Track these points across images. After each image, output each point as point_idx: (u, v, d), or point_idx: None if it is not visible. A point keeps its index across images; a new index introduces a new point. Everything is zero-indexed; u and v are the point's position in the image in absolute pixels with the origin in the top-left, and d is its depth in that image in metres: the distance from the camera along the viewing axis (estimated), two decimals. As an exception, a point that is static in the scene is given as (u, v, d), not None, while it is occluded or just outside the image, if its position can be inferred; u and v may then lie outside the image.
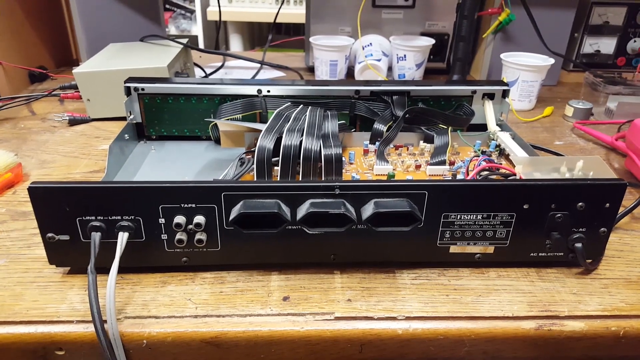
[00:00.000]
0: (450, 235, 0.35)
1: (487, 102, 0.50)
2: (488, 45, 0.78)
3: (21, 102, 0.67)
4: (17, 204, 0.44)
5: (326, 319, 0.31)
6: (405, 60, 0.74)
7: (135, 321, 0.31)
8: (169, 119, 0.51)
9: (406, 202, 0.32)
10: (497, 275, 0.36)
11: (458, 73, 0.71)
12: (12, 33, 0.70)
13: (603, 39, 0.85)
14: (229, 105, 0.49)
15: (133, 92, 0.49)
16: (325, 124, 0.43)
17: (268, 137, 0.40)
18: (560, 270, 0.36)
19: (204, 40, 1.68)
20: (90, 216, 0.32)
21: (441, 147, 0.44)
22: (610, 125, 0.63)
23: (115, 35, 0.73)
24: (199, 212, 0.32)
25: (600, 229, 0.34)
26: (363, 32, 0.78)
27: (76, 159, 0.52)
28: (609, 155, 0.56)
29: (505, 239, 0.35)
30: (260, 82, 0.50)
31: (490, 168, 0.40)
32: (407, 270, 0.36)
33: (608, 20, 0.84)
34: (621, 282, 0.35)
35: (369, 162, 0.44)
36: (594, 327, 0.32)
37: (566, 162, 0.39)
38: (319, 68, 0.76)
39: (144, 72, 0.57)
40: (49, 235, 0.32)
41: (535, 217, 0.34)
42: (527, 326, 0.31)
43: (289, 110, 0.46)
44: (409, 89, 0.50)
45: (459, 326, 0.31)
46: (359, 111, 0.49)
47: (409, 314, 0.32)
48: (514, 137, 0.47)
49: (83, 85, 0.59)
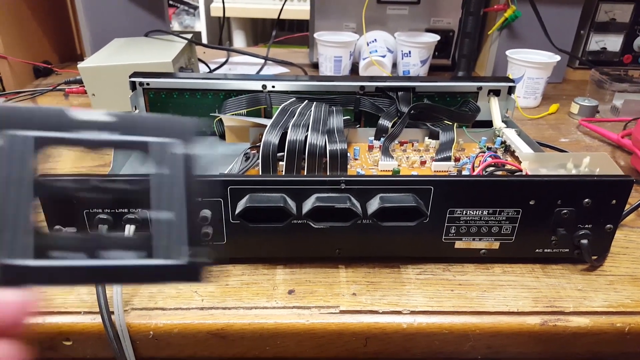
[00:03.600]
0: (455, 231, 0.35)
1: (492, 99, 0.50)
2: (493, 42, 0.78)
3: (26, 97, 0.67)
4: (24, 197, 0.44)
5: (331, 313, 0.32)
6: (410, 57, 0.74)
7: (142, 312, 0.31)
8: (173, 114, 0.51)
9: (412, 197, 0.33)
10: (502, 271, 0.36)
11: (463, 70, 0.71)
12: (17, 28, 0.71)
13: (609, 36, 0.85)
14: (233, 101, 0.49)
15: (138, 87, 0.49)
16: (331, 119, 0.43)
17: (273, 132, 0.40)
18: (566, 266, 0.36)
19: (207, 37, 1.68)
20: (98, 209, 0.32)
21: (446, 143, 0.44)
22: (616, 122, 0.62)
23: (120, 30, 0.73)
24: (205, 206, 0.32)
25: (606, 225, 0.34)
26: (368, 28, 0.78)
27: (82, 153, 0.52)
28: (615, 153, 0.56)
29: (511, 234, 0.35)
30: (265, 78, 0.50)
31: (496, 164, 0.40)
32: (412, 265, 0.36)
33: (615, 17, 0.83)
34: (627, 278, 0.35)
35: (373, 158, 0.44)
36: (599, 323, 0.32)
37: (572, 158, 0.39)
38: (323, 64, 0.76)
39: (148, 67, 0.57)
40: (56, 228, 0.32)
41: (541, 213, 0.34)
42: (532, 322, 0.31)
43: (293, 105, 0.46)
44: (414, 85, 0.49)
45: (463, 321, 0.31)
46: (364, 107, 0.49)
47: (414, 308, 0.32)
48: (519, 133, 0.46)
49: (88, 80, 0.59)
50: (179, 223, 0.14)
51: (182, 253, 0.14)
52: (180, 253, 0.14)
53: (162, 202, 0.14)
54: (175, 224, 0.14)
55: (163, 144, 0.15)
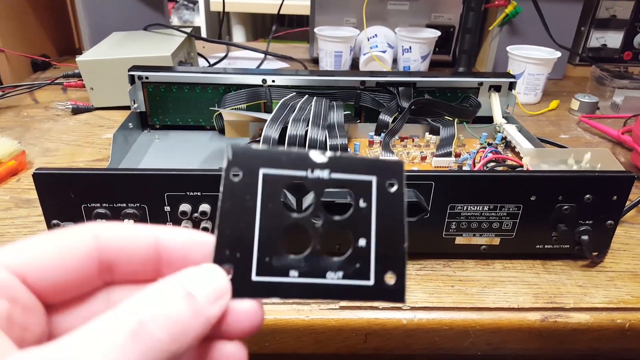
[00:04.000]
0: (456, 227, 0.34)
1: (493, 94, 0.50)
2: (494, 38, 0.78)
3: (24, 91, 0.66)
4: (21, 191, 0.43)
5: (331, 308, 0.31)
6: (410, 52, 0.74)
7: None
8: (173, 108, 0.51)
9: (413, 193, 0.32)
10: (503, 267, 0.36)
11: (464, 65, 0.70)
12: (15, 21, 0.70)
13: (610, 33, 0.84)
14: (233, 95, 0.48)
15: (137, 81, 0.49)
16: (331, 114, 0.43)
17: (273, 127, 0.40)
18: (566, 262, 0.36)
19: (207, 32, 1.67)
20: (96, 203, 0.32)
21: (447, 138, 0.44)
22: (616, 119, 0.62)
23: (119, 23, 0.72)
24: (204, 200, 0.32)
25: (607, 221, 0.34)
26: (368, 24, 0.77)
27: (80, 148, 0.52)
28: (615, 150, 0.56)
29: (512, 230, 0.35)
30: (265, 72, 0.50)
31: (497, 159, 0.40)
32: (412, 261, 0.36)
33: (615, 14, 0.83)
34: (627, 275, 0.35)
35: (374, 153, 0.44)
36: (600, 320, 0.32)
37: (574, 154, 0.39)
38: (323, 59, 0.76)
39: (147, 60, 0.57)
40: (54, 222, 0.32)
41: (542, 208, 0.34)
42: (532, 318, 0.31)
43: (294, 100, 0.45)
44: (415, 80, 0.49)
45: (464, 317, 0.31)
46: (364, 102, 0.49)
47: (414, 304, 0.32)
48: (520, 129, 0.46)
49: (86, 74, 0.59)
50: (392, 251, 0.17)
51: (394, 277, 0.17)
52: (391, 276, 0.17)
53: (382, 232, 0.17)
54: (388, 251, 0.17)
55: (383, 183, 0.17)
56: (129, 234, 0.16)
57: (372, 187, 0.17)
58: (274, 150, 0.17)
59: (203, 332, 0.14)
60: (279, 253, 0.17)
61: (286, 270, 0.17)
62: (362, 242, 0.17)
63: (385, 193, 0.17)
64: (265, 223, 0.17)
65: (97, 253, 0.16)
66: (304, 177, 0.17)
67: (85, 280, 0.16)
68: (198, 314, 0.14)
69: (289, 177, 0.17)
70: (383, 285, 0.17)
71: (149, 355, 0.13)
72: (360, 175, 0.17)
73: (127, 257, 0.16)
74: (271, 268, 0.16)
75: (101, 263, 0.16)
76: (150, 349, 0.13)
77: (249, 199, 0.16)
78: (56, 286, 0.15)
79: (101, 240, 0.16)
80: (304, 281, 0.17)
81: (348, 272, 0.17)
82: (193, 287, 0.14)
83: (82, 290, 0.16)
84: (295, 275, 0.17)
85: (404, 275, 0.17)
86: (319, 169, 0.17)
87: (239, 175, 0.16)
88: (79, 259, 0.15)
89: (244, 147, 0.17)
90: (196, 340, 0.14)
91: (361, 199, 0.17)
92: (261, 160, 0.17)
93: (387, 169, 0.17)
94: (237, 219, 0.16)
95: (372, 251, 0.17)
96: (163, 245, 0.16)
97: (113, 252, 0.16)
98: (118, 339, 0.12)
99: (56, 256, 0.15)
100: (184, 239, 0.17)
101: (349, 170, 0.17)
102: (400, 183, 0.17)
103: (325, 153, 0.17)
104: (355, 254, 0.17)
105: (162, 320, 0.13)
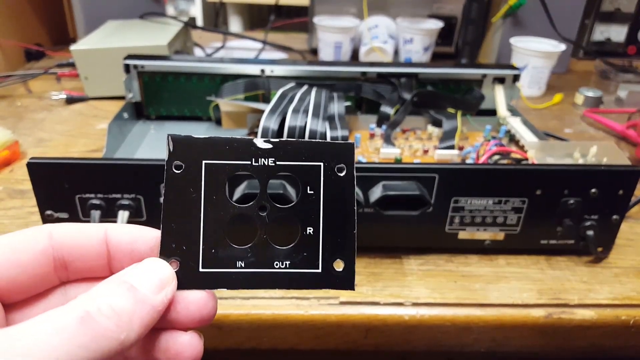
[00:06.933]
0: (459, 221, 0.34)
1: (497, 87, 0.49)
2: (497, 29, 0.76)
3: (17, 80, 0.65)
4: (15, 182, 0.42)
5: (331, 303, 0.31)
6: (412, 44, 0.73)
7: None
8: (168, 99, 0.49)
9: (415, 186, 0.31)
10: (507, 262, 0.35)
11: (467, 57, 0.69)
12: (8, 10, 0.68)
13: (614, 27, 0.83)
14: (231, 85, 0.47)
15: (132, 70, 0.48)
16: (332, 105, 0.42)
17: (272, 118, 0.39)
18: (571, 258, 0.35)
19: (203, 23, 1.65)
20: (90, 194, 0.31)
21: (450, 131, 0.43)
22: (621, 114, 0.61)
23: (114, 12, 0.71)
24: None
25: (612, 216, 0.34)
26: (369, 14, 0.76)
27: (74, 138, 0.51)
28: (620, 144, 0.55)
29: (516, 225, 0.34)
30: (263, 62, 0.49)
31: (502, 152, 0.39)
32: (414, 255, 0.35)
33: (619, 7, 0.81)
34: (632, 271, 0.35)
35: (375, 145, 0.43)
36: (604, 316, 0.31)
37: (579, 147, 0.38)
38: (322, 50, 0.74)
39: (143, 50, 0.56)
40: (48, 213, 0.31)
41: (547, 202, 0.33)
42: (536, 314, 0.31)
43: (293, 90, 0.44)
44: (417, 71, 0.48)
45: (467, 313, 0.31)
46: (365, 93, 0.48)
47: (416, 300, 0.31)
48: (524, 122, 0.45)
49: (81, 63, 0.57)
50: (341, 237, 0.17)
51: (342, 264, 0.17)
52: (339, 264, 0.17)
53: (331, 219, 0.17)
54: (337, 238, 0.17)
55: (332, 168, 0.17)
56: (80, 231, 0.17)
57: (320, 173, 0.17)
58: (216, 139, 0.16)
59: (150, 320, 0.15)
60: (225, 244, 0.16)
61: (233, 261, 0.16)
62: (309, 230, 0.17)
63: (334, 178, 0.17)
64: (210, 215, 0.16)
65: (52, 251, 0.16)
66: (249, 165, 0.16)
67: (41, 278, 0.16)
68: (142, 303, 0.15)
69: (232, 166, 0.16)
70: (332, 272, 0.17)
71: (99, 342, 0.13)
72: (307, 161, 0.17)
73: (79, 253, 0.17)
74: (217, 259, 0.16)
75: (56, 260, 0.17)
76: (98, 335, 0.13)
77: (193, 191, 0.16)
78: (13, 285, 0.16)
79: (54, 238, 0.16)
80: (250, 271, 0.17)
81: (295, 260, 0.17)
82: (135, 280, 0.15)
83: (39, 288, 0.17)
84: (242, 266, 0.17)
85: (353, 262, 0.17)
86: (264, 157, 0.16)
87: (182, 167, 0.16)
88: (34, 257, 0.16)
89: (185, 137, 0.16)
90: (145, 328, 0.15)
91: (309, 186, 0.17)
92: (203, 150, 0.16)
93: (336, 153, 0.17)
94: (181, 212, 0.16)
95: (320, 239, 0.17)
96: (111, 241, 0.17)
97: (66, 249, 0.17)
98: (67, 322, 0.13)
99: (11, 255, 0.16)
100: (130, 234, 0.17)
101: (295, 156, 0.17)
102: (351, 167, 0.17)
103: (271, 140, 0.17)
104: (302, 242, 0.17)
105: (106, 310, 0.14)
